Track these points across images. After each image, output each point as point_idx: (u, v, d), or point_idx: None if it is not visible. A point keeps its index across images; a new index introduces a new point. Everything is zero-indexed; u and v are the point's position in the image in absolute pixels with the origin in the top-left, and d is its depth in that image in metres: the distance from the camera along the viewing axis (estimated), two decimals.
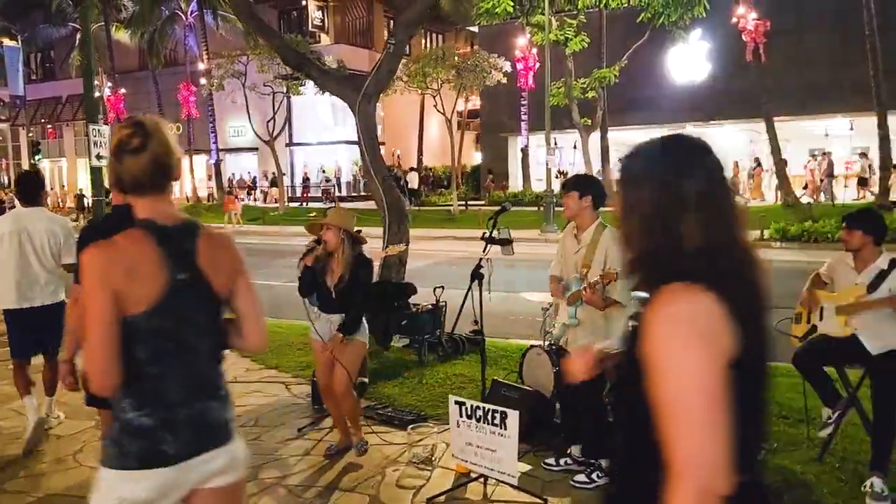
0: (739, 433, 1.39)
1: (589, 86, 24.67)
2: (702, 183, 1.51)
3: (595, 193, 4.24)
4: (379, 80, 8.33)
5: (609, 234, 4.18)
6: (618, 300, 4.11)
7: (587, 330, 4.24)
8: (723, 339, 1.40)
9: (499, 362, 7.10)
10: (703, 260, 1.46)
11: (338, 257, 4.57)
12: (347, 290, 4.53)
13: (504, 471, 4.03)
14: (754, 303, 1.53)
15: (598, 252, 4.15)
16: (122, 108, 35.24)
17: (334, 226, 4.51)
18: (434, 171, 39.05)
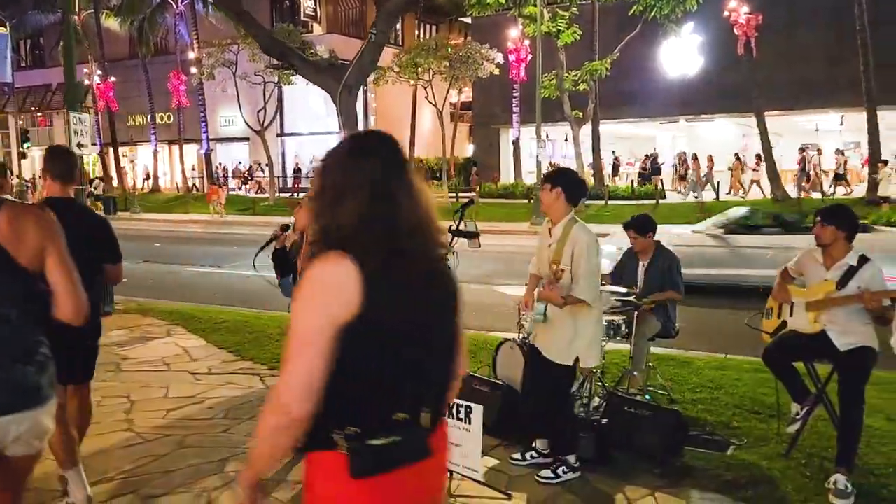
0: (367, 378, 1.68)
1: (580, 78, 24.62)
2: (374, 172, 1.76)
3: (566, 186, 4.16)
4: (361, 70, 8.29)
5: (578, 228, 4.12)
6: (581, 298, 4.06)
7: (553, 328, 4.19)
8: (345, 298, 1.64)
9: (477, 355, 7.08)
10: (359, 235, 1.69)
11: (309, 238, 4.48)
12: None
13: (468, 466, 4.01)
14: (414, 277, 1.75)
15: (567, 247, 4.09)
16: (111, 96, 34.96)
17: (307, 206, 4.42)
18: (426, 162, 38.92)
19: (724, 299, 10.00)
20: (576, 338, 4.14)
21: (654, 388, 5.83)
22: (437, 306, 1.84)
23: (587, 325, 4.16)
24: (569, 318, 4.14)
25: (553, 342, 4.19)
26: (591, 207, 25.06)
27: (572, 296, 4.05)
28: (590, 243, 4.06)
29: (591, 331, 4.18)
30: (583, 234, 4.09)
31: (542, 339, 4.28)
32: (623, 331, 5.43)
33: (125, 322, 9.07)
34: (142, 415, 5.50)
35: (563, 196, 4.14)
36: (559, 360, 4.16)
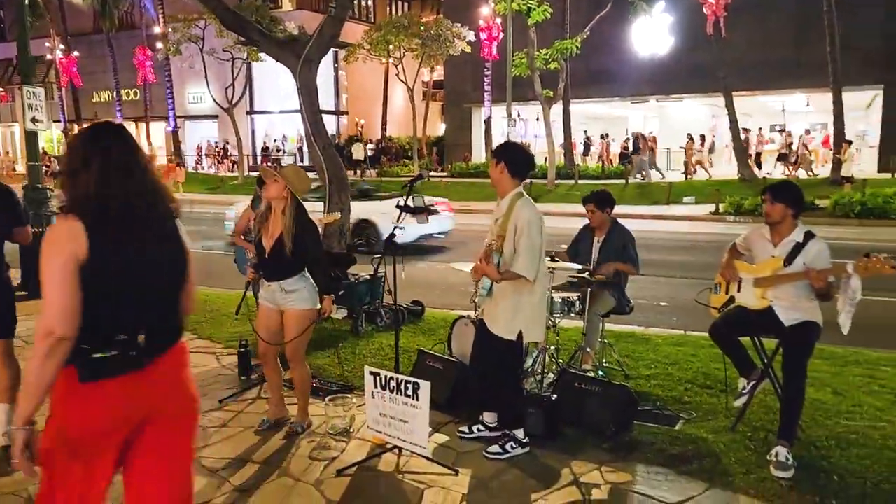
0: (96, 307, 2.17)
1: (551, 57, 24.50)
2: (105, 155, 2.25)
3: (511, 160, 4.13)
4: (321, 45, 8.12)
5: (522, 203, 4.10)
6: (520, 273, 4.02)
7: (497, 303, 4.19)
8: (74, 247, 2.14)
9: (436, 332, 7.07)
10: (86, 202, 2.19)
11: (276, 214, 4.39)
12: (292, 254, 4.30)
13: (416, 442, 3.99)
14: (137, 232, 2.25)
15: (511, 221, 4.07)
16: (75, 72, 34.11)
17: (281, 178, 4.33)
18: (398, 141, 38.70)
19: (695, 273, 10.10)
20: (518, 312, 4.14)
21: (609, 364, 5.87)
22: (159, 255, 2.33)
23: (530, 300, 4.15)
24: (512, 293, 4.13)
25: (497, 317, 4.19)
26: (561, 186, 25.15)
27: (510, 271, 4.02)
28: (531, 219, 4.03)
29: (533, 306, 4.17)
30: (525, 209, 4.07)
31: (488, 314, 4.28)
32: (577, 307, 5.44)
33: None
34: None
35: (507, 170, 4.11)
36: (503, 335, 4.16)
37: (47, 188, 10.38)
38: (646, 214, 19.33)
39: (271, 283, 4.46)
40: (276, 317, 4.52)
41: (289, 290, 4.42)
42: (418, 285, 9.38)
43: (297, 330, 4.43)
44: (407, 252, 11.97)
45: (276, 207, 4.38)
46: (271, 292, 4.49)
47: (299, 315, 4.44)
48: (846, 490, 3.76)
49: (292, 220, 4.33)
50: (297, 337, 4.44)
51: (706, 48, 24.59)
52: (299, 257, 4.38)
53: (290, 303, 4.43)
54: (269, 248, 4.40)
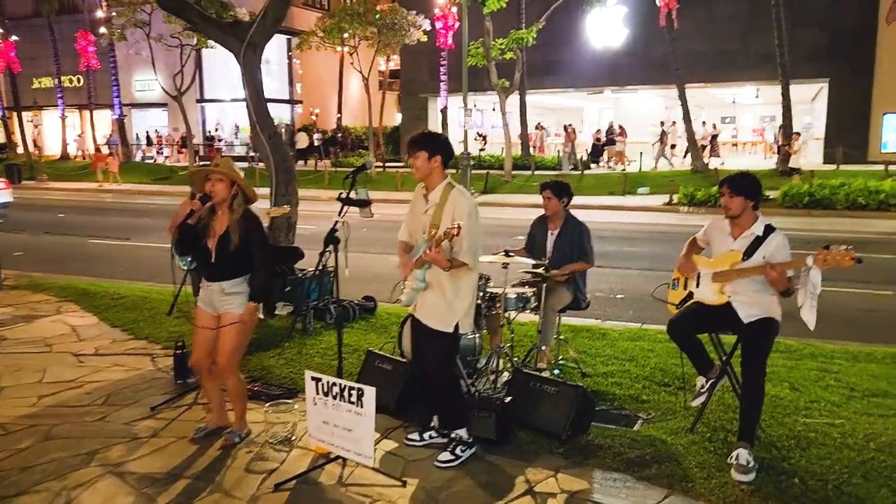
0: None
1: (507, 47, 24.29)
2: None
3: (444, 153, 3.96)
4: (264, 28, 7.73)
5: (457, 192, 3.94)
6: (464, 261, 3.85)
7: (435, 292, 3.98)
8: None
9: (389, 329, 6.80)
10: None
11: (222, 214, 4.07)
12: (238, 253, 4.02)
13: (361, 452, 3.72)
14: None
15: (447, 210, 3.89)
16: (13, 57, 32.63)
17: (226, 176, 4.01)
18: (354, 131, 38.13)
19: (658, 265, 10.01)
20: (455, 302, 3.96)
21: (565, 361, 5.69)
22: None
23: (468, 289, 3.99)
24: (449, 282, 3.95)
25: (433, 309, 4.00)
26: (518, 178, 25.03)
27: (457, 259, 3.84)
28: (470, 207, 3.91)
29: (470, 295, 4.02)
30: (463, 198, 3.92)
31: (421, 308, 4.06)
32: (532, 303, 5.23)
33: (12, 299, 8.38)
34: (9, 402, 4.99)
35: (441, 162, 3.93)
36: (440, 327, 3.98)
37: None
38: (601, 205, 19.33)
39: (211, 285, 4.14)
40: (213, 321, 4.20)
41: (229, 292, 4.12)
42: (372, 279, 9.09)
43: (234, 336, 4.12)
44: (358, 245, 11.70)
45: (222, 205, 4.07)
46: (209, 294, 4.17)
47: (238, 320, 4.12)
48: (808, 494, 3.62)
49: (240, 215, 4.05)
50: (232, 344, 4.13)
51: (660, 40, 24.71)
52: (245, 255, 4.08)
53: (228, 306, 4.12)
54: (213, 248, 4.08)
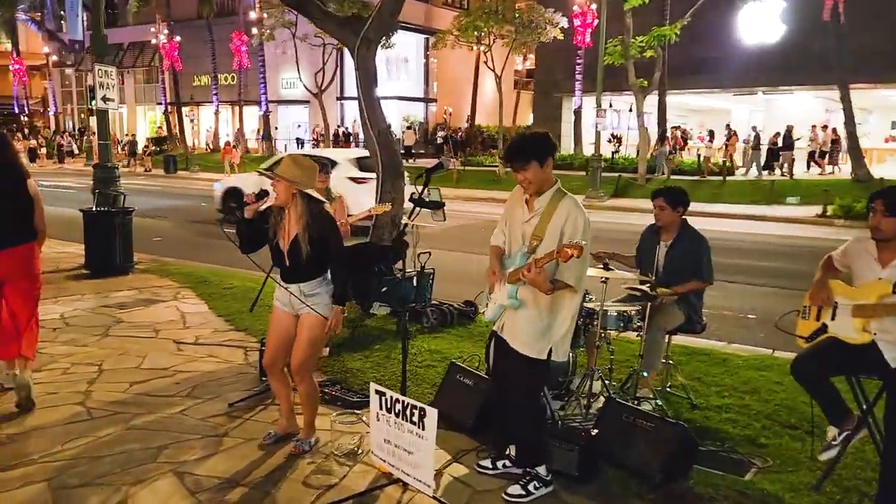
0: None
1: (647, 44, 23.11)
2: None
3: (553, 153, 3.46)
4: (380, 24, 7.60)
5: (570, 202, 3.42)
6: (569, 283, 3.36)
7: (531, 315, 3.49)
8: None
9: (486, 339, 6.43)
10: None
11: (289, 214, 3.91)
12: (311, 255, 3.85)
13: (420, 478, 3.39)
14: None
15: (555, 222, 3.39)
16: (176, 56, 35.21)
17: (284, 179, 3.84)
18: (487, 130, 38.00)
19: None
20: (552, 327, 3.47)
21: (673, 389, 5.07)
22: None
23: (567, 313, 3.49)
24: (548, 303, 3.45)
25: (525, 332, 3.51)
26: (652, 182, 23.80)
27: (560, 280, 3.35)
28: (585, 221, 3.38)
29: (569, 321, 3.51)
30: (577, 209, 3.40)
31: (510, 329, 3.59)
32: (636, 323, 4.67)
33: (139, 282, 8.80)
34: (103, 387, 5.09)
35: (551, 164, 3.43)
36: (531, 354, 3.49)
37: (116, 167, 10.37)
38: (743, 214, 17.91)
39: (289, 286, 3.96)
40: (291, 322, 4.01)
41: (308, 293, 3.91)
42: (471, 282, 8.73)
43: (310, 339, 3.92)
44: (453, 243, 11.43)
45: (289, 208, 3.88)
46: (287, 295, 3.98)
47: (317, 322, 3.91)
48: None
49: (307, 220, 3.83)
50: (308, 347, 3.93)
51: (821, 36, 22.56)
52: (320, 258, 3.87)
53: (307, 308, 3.91)
54: (286, 250, 3.90)
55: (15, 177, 4.65)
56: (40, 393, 4.92)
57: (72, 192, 19.73)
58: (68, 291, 8.17)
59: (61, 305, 7.48)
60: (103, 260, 9.27)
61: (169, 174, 30.01)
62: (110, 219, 9.31)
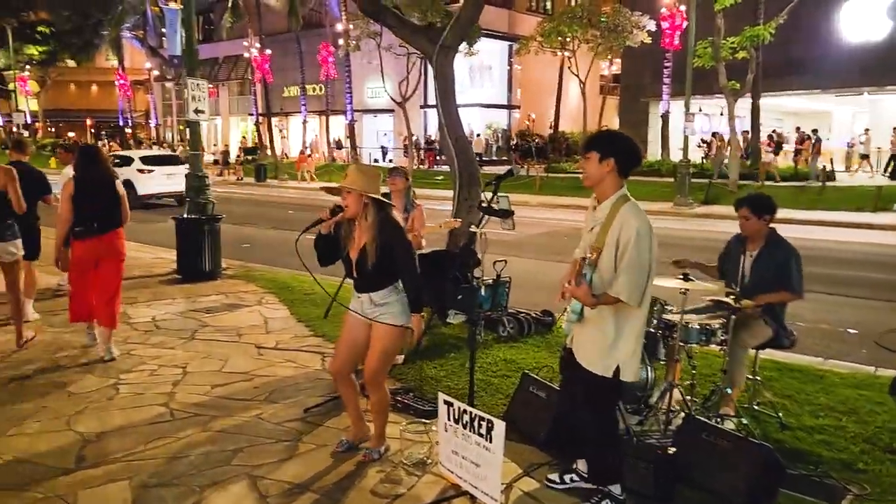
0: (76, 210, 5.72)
1: (739, 45, 22.23)
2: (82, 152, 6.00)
3: (623, 154, 3.27)
4: (458, 30, 7.60)
5: (629, 209, 3.24)
6: (618, 297, 3.18)
7: (595, 328, 3.36)
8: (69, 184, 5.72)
9: (556, 350, 6.29)
10: None
11: (359, 225, 3.94)
12: (382, 264, 3.87)
13: (487, 492, 3.31)
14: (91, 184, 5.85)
15: (612, 232, 3.22)
16: (267, 68, 36.52)
17: (354, 190, 3.87)
18: (571, 136, 37.55)
19: None
20: (617, 344, 3.31)
21: (761, 407, 4.79)
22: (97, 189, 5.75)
23: (630, 331, 3.31)
24: (610, 318, 3.30)
25: (590, 348, 3.38)
26: (744, 188, 22.83)
27: (607, 294, 3.20)
28: (641, 229, 3.16)
29: (633, 340, 3.33)
30: (634, 216, 3.20)
31: (578, 344, 3.46)
32: (719, 337, 4.44)
33: (226, 287, 9.10)
34: (186, 389, 5.27)
35: (616, 168, 3.25)
36: (596, 370, 3.35)
37: (206, 175, 10.79)
38: (844, 222, 16.91)
39: (361, 295, 3.98)
40: (364, 329, 4.02)
41: (379, 303, 3.91)
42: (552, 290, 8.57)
43: (383, 348, 3.92)
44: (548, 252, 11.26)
45: (360, 218, 3.89)
46: (361, 304, 4.00)
47: (389, 331, 3.91)
48: None
49: (376, 229, 3.83)
50: (382, 356, 3.93)
51: None
52: (388, 267, 3.87)
53: (380, 316, 3.92)
54: (355, 258, 3.92)
55: (107, 180, 5.97)
56: (128, 393, 5.16)
57: (169, 199, 20.67)
58: (161, 295, 8.53)
59: (153, 309, 7.82)
60: (193, 265, 9.64)
61: (259, 182, 31.06)
62: (200, 226, 9.69)
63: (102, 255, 5.89)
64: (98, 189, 5.85)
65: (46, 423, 4.60)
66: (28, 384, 5.34)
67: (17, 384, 5.33)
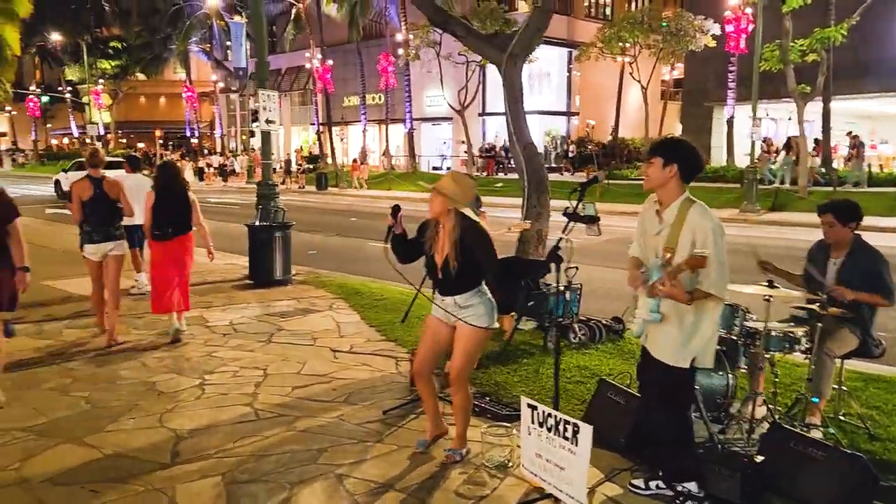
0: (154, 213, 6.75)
1: (809, 47, 21.59)
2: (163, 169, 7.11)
3: (686, 161, 3.39)
4: (526, 39, 7.66)
5: (698, 210, 3.36)
6: (710, 292, 3.31)
7: (672, 327, 3.44)
8: None
9: (635, 356, 6.23)
10: None
11: (445, 229, 4.01)
12: (463, 267, 3.93)
13: (572, 495, 3.34)
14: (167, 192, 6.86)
15: (685, 233, 3.34)
16: (328, 79, 37.22)
17: (441, 194, 3.97)
18: (631, 142, 37.08)
19: None
20: (694, 336, 3.42)
21: (848, 418, 4.67)
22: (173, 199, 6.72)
23: (710, 321, 3.43)
24: (690, 313, 3.41)
25: (666, 342, 3.47)
26: (815, 194, 22.16)
27: (699, 290, 3.31)
28: (715, 227, 3.32)
29: (712, 328, 3.46)
30: (706, 217, 3.35)
31: (653, 340, 3.54)
32: (803, 345, 4.36)
33: (298, 293, 9.33)
34: (268, 390, 5.44)
35: (679, 173, 3.38)
36: (673, 362, 3.45)
37: (276, 184, 11.09)
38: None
39: (444, 298, 4.07)
40: (446, 332, 4.11)
41: (463, 305, 3.99)
42: (617, 297, 8.51)
43: (466, 349, 4.00)
44: (589, 257, 11.14)
45: (443, 222, 3.98)
46: (445, 306, 4.09)
47: (473, 333, 3.99)
48: None
49: (456, 235, 3.91)
50: (465, 356, 4.01)
51: None
52: (472, 271, 3.94)
53: (464, 318, 4.00)
54: (440, 263, 4.01)
55: (181, 190, 6.99)
56: (213, 393, 5.36)
57: (236, 209, 21.31)
58: (235, 300, 8.81)
59: (229, 313, 8.08)
60: (265, 271, 9.92)
61: (320, 190, 31.70)
62: (272, 233, 9.97)
63: (176, 255, 6.89)
64: (174, 199, 6.87)
65: (140, 420, 4.82)
66: (119, 383, 5.61)
67: (108, 384, 5.60)
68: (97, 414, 4.92)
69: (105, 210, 6.87)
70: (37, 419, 4.81)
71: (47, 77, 63.20)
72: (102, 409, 5.03)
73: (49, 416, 4.86)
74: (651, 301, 3.40)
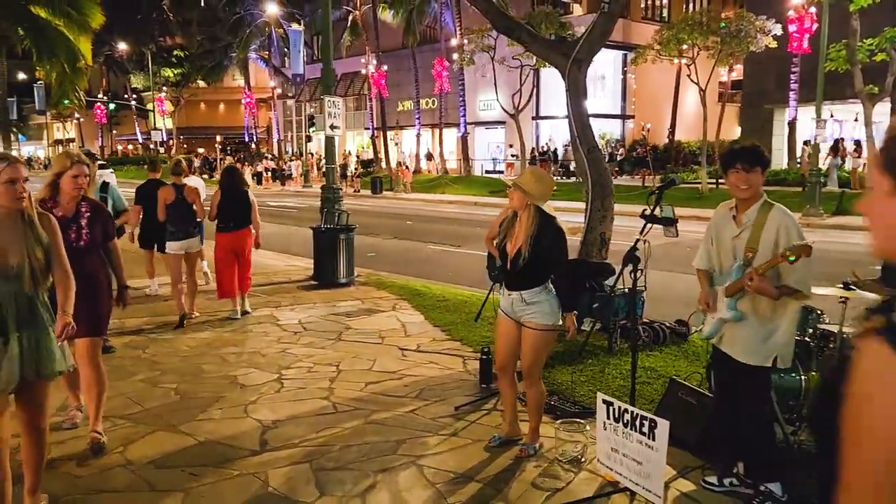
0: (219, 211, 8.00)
1: (878, 46, 21.00)
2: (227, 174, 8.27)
3: (767, 166, 3.65)
4: (591, 43, 7.73)
5: (779, 212, 3.53)
6: (798, 288, 3.42)
7: (752, 324, 3.55)
8: None
9: (700, 358, 6.27)
10: None
11: (521, 222, 4.14)
12: (532, 262, 4.07)
13: (650, 489, 3.45)
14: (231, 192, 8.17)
15: (767, 232, 3.48)
16: (383, 84, 37.74)
17: (520, 189, 4.11)
18: (687, 145, 36.54)
19: None
20: (776, 334, 3.52)
21: None
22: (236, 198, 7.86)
23: (790, 318, 3.54)
24: (770, 311, 3.52)
25: (747, 342, 3.57)
26: None
27: (787, 286, 3.42)
28: (797, 226, 3.51)
29: (793, 325, 3.59)
30: (785, 215, 3.54)
31: (731, 341, 3.62)
32: None
33: (361, 294, 9.59)
34: (343, 385, 5.67)
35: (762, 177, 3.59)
36: (755, 362, 3.55)
37: (339, 188, 11.41)
38: None
39: (511, 293, 4.21)
40: (515, 329, 4.26)
41: (529, 301, 4.13)
42: (678, 301, 8.51)
43: (534, 346, 4.13)
44: (654, 264, 11.09)
45: (521, 215, 4.13)
46: (511, 302, 4.23)
47: (538, 330, 4.12)
48: None
49: (531, 230, 4.05)
50: (533, 354, 4.15)
51: None
52: (541, 268, 4.08)
53: (529, 315, 4.14)
54: (511, 254, 4.16)
55: (242, 191, 8.06)
56: (291, 387, 5.61)
57: (293, 212, 21.83)
58: (301, 300, 9.11)
59: (297, 312, 8.38)
60: (329, 272, 10.22)
61: (375, 194, 32.14)
62: (336, 235, 10.26)
63: (238, 246, 7.99)
64: (236, 198, 7.98)
65: (227, 410, 5.10)
66: (203, 377, 5.92)
67: (193, 376, 5.92)
68: (187, 404, 5.22)
69: (185, 212, 7.80)
70: (133, 408, 5.14)
71: (113, 85, 65.71)
72: (191, 399, 5.33)
73: (144, 406, 5.18)
74: (729, 300, 3.51)
